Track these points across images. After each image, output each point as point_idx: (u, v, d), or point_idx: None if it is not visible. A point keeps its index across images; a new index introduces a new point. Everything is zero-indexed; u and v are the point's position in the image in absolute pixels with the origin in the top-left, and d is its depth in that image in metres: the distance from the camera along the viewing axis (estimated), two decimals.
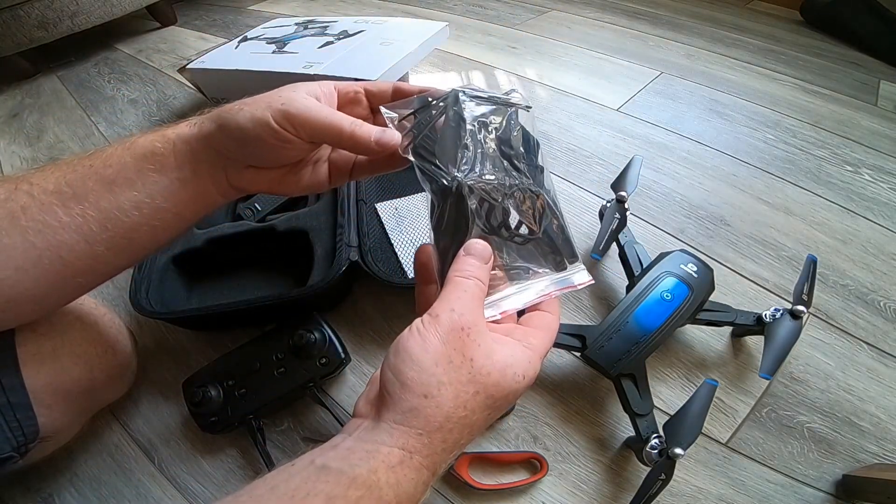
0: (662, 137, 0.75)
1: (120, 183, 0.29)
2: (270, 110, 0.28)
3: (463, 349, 0.23)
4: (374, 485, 0.21)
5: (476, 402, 0.23)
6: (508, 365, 0.24)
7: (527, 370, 0.25)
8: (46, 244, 0.28)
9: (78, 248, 0.29)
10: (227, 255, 0.55)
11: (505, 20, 1.11)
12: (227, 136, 0.30)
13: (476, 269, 0.26)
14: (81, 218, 0.29)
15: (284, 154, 0.31)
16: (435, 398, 0.23)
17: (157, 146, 0.30)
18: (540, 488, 0.42)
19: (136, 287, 0.48)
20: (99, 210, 0.29)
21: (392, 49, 0.72)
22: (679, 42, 1.01)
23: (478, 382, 0.23)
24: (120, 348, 0.43)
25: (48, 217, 0.28)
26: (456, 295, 0.25)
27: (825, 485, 0.41)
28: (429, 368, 0.23)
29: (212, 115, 0.30)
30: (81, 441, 0.46)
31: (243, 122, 0.29)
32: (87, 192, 0.29)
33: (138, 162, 0.30)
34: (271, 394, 0.43)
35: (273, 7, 1.27)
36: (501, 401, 0.24)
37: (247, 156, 0.31)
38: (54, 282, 0.30)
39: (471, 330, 0.24)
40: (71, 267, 0.30)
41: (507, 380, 0.24)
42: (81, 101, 0.95)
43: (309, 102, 0.29)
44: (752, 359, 0.49)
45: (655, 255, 0.49)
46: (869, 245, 0.59)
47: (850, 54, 1.00)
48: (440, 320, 0.24)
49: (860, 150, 0.73)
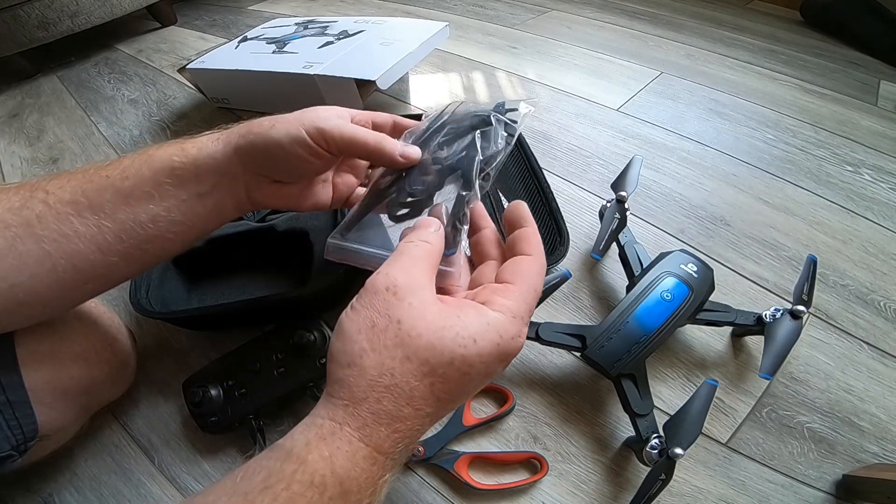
0: (662, 137, 0.75)
1: (137, 196, 0.30)
2: (304, 126, 0.31)
3: (388, 310, 0.22)
4: (306, 458, 0.20)
5: (406, 369, 0.21)
6: (446, 326, 0.22)
7: (482, 336, 0.22)
8: (61, 253, 0.29)
9: (92, 257, 0.30)
10: (228, 255, 0.55)
11: (505, 20, 1.11)
12: (259, 151, 0.31)
13: (423, 234, 0.25)
14: (97, 228, 0.29)
15: (312, 168, 0.33)
16: (357, 366, 0.21)
17: (175, 161, 0.30)
18: (540, 488, 0.42)
19: (135, 287, 0.48)
20: (115, 221, 0.30)
21: (392, 49, 0.72)
22: (679, 42, 1.01)
23: (406, 346, 0.21)
24: (119, 347, 0.44)
25: (64, 226, 0.29)
26: (393, 259, 0.24)
27: (825, 485, 0.41)
28: (352, 336, 0.22)
29: (240, 131, 0.31)
30: (81, 441, 0.46)
31: (279, 137, 0.30)
32: (103, 203, 0.29)
33: (157, 175, 0.30)
34: (271, 394, 0.43)
35: (273, 7, 1.27)
36: (446, 368, 0.22)
37: (275, 170, 0.33)
38: (67, 288, 0.31)
39: (398, 288, 0.22)
40: (84, 274, 0.30)
41: (445, 343, 0.21)
42: (81, 101, 0.95)
43: (337, 120, 0.32)
44: (752, 359, 0.49)
45: (655, 255, 0.49)
46: (869, 245, 0.59)
47: (850, 54, 1.00)
48: (366, 285, 0.23)
49: (860, 150, 0.73)
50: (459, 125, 0.35)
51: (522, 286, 0.25)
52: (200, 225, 0.33)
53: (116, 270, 0.32)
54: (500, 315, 0.23)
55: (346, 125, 0.32)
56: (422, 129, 0.36)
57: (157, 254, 0.33)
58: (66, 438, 0.43)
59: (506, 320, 0.23)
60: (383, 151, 0.32)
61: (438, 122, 0.36)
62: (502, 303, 0.24)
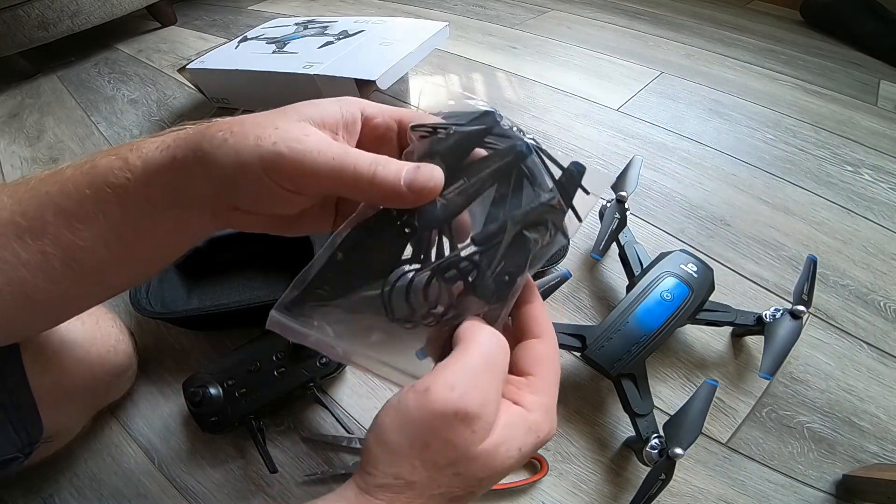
0: (662, 137, 0.75)
1: (81, 217, 0.24)
2: (259, 151, 0.21)
3: (449, 435, 0.19)
4: None
5: (454, 482, 0.20)
6: (499, 444, 0.21)
7: (524, 443, 0.21)
8: (5, 280, 0.24)
9: (42, 286, 0.25)
10: (227, 255, 0.55)
11: (505, 20, 1.11)
12: (204, 174, 0.22)
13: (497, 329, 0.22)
14: (41, 255, 0.24)
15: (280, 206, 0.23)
16: (404, 480, 0.20)
17: (116, 175, 0.23)
18: (540, 488, 0.42)
19: (135, 287, 0.48)
20: (59, 247, 0.24)
21: (392, 49, 0.72)
22: (679, 42, 1.01)
23: (458, 465, 0.20)
24: (121, 348, 0.44)
25: (4, 252, 0.24)
26: (464, 362, 0.20)
27: (825, 485, 0.41)
28: (401, 451, 0.20)
29: (188, 141, 0.23)
30: (82, 441, 0.46)
31: (224, 162, 0.21)
32: (45, 226, 0.24)
33: (98, 193, 0.23)
34: (271, 394, 0.43)
35: (273, 7, 1.27)
36: (492, 477, 0.21)
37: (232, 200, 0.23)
38: (23, 316, 0.27)
39: (468, 416, 0.19)
40: (39, 304, 0.26)
41: (497, 460, 0.21)
42: (81, 101, 0.95)
43: (309, 143, 0.21)
44: (752, 359, 0.49)
45: (655, 255, 0.49)
46: (869, 245, 0.59)
47: (850, 54, 1.00)
48: (430, 396, 0.19)
49: (860, 150, 0.73)
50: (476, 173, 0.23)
51: (548, 376, 0.23)
52: (167, 246, 0.26)
53: (75, 297, 0.27)
54: (537, 416, 0.22)
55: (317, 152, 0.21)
56: None
57: (124, 279, 0.28)
58: (70, 439, 0.43)
59: (543, 420, 0.22)
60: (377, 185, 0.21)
61: None
62: (534, 401, 0.22)
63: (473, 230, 0.24)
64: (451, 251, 0.23)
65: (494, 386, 0.21)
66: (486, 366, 0.21)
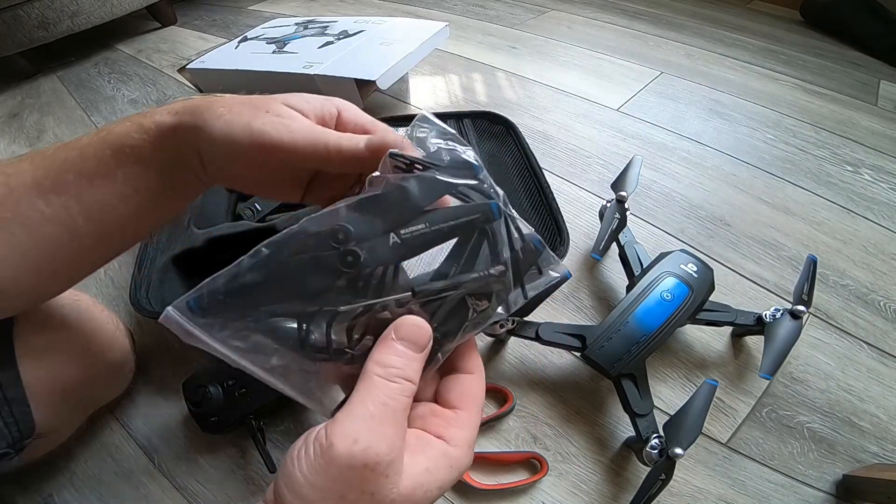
0: (662, 137, 0.75)
1: (102, 174, 0.27)
2: (250, 129, 0.25)
3: (362, 485, 0.19)
4: None
5: None
6: (417, 486, 0.20)
7: (444, 480, 0.21)
8: (30, 237, 0.27)
9: (65, 242, 0.28)
10: (228, 255, 0.54)
11: (505, 20, 1.11)
12: (201, 140, 0.26)
13: (405, 365, 0.21)
14: (64, 210, 0.27)
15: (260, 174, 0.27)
16: None
17: (134, 137, 0.27)
18: (540, 488, 0.42)
19: (136, 287, 0.48)
20: (82, 204, 0.27)
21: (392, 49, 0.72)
22: (679, 42, 1.01)
23: None
24: (117, 346, 0.43)
25: (29, 210, 0.27)
26: (364, 410, 0.20)
27: (825, 485, 0.41)
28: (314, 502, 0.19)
29: (194, 110, 0.26)
30: (81, 441, 0.46)
31: (218, 134, 0.25)
32: (66, 186, 0.27)
33: (117, 153, 0.27)
34: (271, 394, 0.43)
35: (273, 7, 1.27)
36: None
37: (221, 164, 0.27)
38: (46, 274, 0.29)
39: (378, 465, 0.19)
40: (58, 260, 0.29)
41: (415, 498, 0.20)
42: (81, 101, 0.95)
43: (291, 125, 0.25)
44: (752, 359, 0.49)
45: (655, 255, 0.49)
46: (869, 245, 0.59)
47: (850, 54, 1.00)
48: (335, 451, 0.18)
49: (860, 150, 0.73)
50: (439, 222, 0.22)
51: (472, 411, 0.23)
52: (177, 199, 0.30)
53: (93, 252, 0.30)
54: (460, 452, 0.22)
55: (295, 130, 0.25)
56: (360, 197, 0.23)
57: (135, 233, 0.31)
58: (62, 438, 0.43)
59: (464, 455, 0.22)
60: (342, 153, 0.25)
61: None
62: (459, 436, 0.22)
63: (415, 280, 0.23)
64: (387, 294, 0.22)
65: (399, 428, 0.20)
66: (389, 413, 0.20)
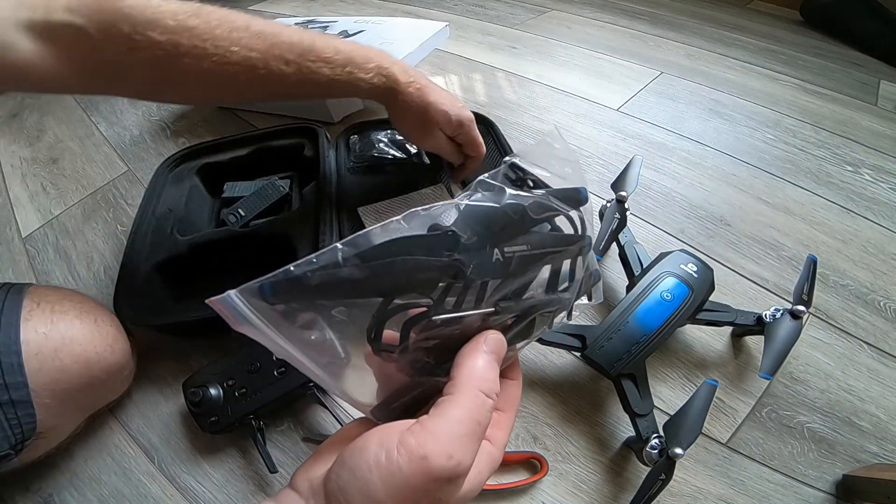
0: (662, 137, 0.75)
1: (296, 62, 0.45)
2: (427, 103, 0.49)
3: (438, 492, 0.20)
4: None
5: None
6: (472, 486, 0.22)
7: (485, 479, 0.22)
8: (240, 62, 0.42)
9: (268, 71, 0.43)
10: (211, 260, 0.54)
11: (505, 20, 1.11)
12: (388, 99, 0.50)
13: (495, 381, 0.22)
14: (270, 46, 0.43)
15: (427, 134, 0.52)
16: None
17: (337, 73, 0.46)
18: (540, 488, 0.42)
19: (118, 294, 0.48)
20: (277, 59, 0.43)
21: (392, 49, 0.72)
22: (679, 42, 1.01)
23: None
24: (119, 348, 0.44)
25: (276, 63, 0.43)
26: (459, 426, 0.20)
27: (825, 485, 0.41)
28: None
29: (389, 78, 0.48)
30: (81, 441, 0.46)
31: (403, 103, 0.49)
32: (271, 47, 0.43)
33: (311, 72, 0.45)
34: (271, 394, 0.43)
35: (273, 7, 1.27)
36: None
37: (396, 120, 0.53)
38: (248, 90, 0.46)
39: (460, 478, 0.20)
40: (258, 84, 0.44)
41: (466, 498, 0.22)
42: (81, 101, 0.95)
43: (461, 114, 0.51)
44: (752, 359, 0.49)
45: (655, 255, 0.49)
46: (869, 245, 0.59)
47: (850, 54, 1.00)
48: (429, 464, 0.19)
49: (860, 150, 0.73)
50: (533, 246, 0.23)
51: (512, 414, 0.25)
52: None
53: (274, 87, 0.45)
54: (499, 453, 0.24)
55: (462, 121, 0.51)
56: None
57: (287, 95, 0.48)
58: (61, 438, 0.43)
59: (500, 455, 0.24)
60: None
61: None
62: (499, 437, 0.24)
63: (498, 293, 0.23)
64: (474, 307, 0.22)
65: (479, 444, 0.21)
66: (480, 430, 0.21)
